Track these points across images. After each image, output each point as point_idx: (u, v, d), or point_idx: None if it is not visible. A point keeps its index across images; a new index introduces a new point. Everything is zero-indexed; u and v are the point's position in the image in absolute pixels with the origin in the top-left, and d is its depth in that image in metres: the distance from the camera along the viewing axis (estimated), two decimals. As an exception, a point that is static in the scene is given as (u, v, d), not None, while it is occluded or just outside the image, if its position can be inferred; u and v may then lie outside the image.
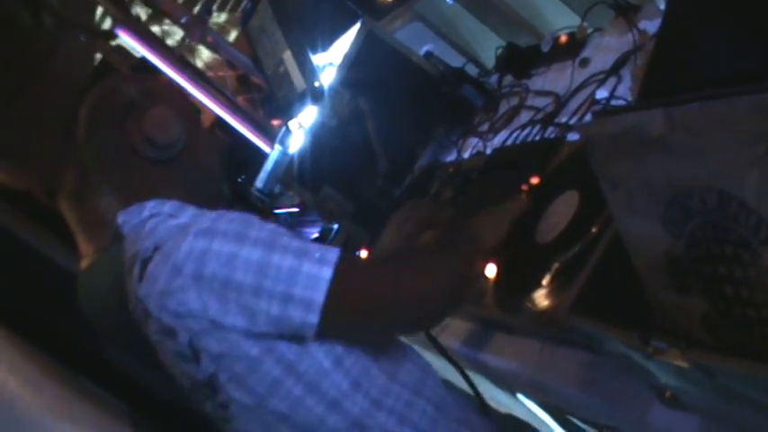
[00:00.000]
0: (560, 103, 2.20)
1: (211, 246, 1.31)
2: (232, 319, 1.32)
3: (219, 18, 5.04)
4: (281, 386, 1.38)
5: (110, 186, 1.57)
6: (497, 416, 1.80)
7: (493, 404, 2.34)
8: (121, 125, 1.55)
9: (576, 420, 2.18)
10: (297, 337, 1.36)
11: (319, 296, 1.31)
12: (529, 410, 2.15)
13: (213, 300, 1.31)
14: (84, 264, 1.82)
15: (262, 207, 3.69)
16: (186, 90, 1.80)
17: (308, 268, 1.32)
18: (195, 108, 1.71)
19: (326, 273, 1.32)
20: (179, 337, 1.35)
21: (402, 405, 1.50)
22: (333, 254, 1.35)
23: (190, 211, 1.50)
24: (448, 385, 1.72)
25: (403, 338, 1.70)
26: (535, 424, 2.05)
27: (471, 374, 1.80)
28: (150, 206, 1.51)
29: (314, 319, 1.31)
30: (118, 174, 1.58)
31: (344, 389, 1.43)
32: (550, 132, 2.13)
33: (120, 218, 1.52)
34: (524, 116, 2.38)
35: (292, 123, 3.26)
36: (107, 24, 4.59)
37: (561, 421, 2.22)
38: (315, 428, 1.43)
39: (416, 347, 1.74)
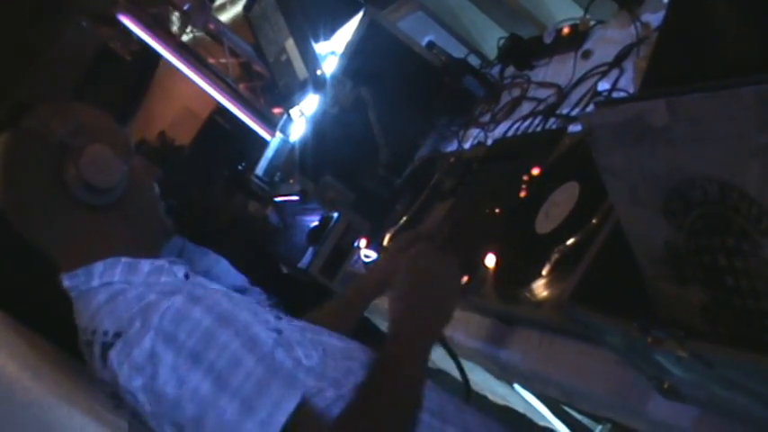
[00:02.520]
0: (562, 94, 2.20)
1: (166, 357, 1.23)
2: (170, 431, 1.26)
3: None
4: None
5: (42, 239, 1.44)
6: (494, 408, 1.80)
7: (489, 396, 2.35)
8: (53, 169, 1.37)
9: (573, 412, 2.19)
10: None
11: None
12: (526, 402, 2.16)
13: (161, 413, 1.25)
14: None
15: (262, 195, 3.70)
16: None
17: (249, 427, 1.22)
18: (126, 137, 1.51)
19: None
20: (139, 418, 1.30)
21: None
22: (282, 415, 1.23)
23: (145, 270, 1.39)
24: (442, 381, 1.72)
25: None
26: (532, 416, 2.06)
27: (468, 365, 1.80)
28: (99, 271, 1.37)
29: None
30: (51, 224, 1.42)
31: None
32: (552, 124, 2.13)
33: (66, 282, 1.40)
34: (526, 107, 2.38)
35: (294, 111, 3.26)
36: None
37: (558, 413, 2.23)
38: None
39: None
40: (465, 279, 1.86)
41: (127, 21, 4.61)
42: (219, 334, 1.25)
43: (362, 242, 2.49)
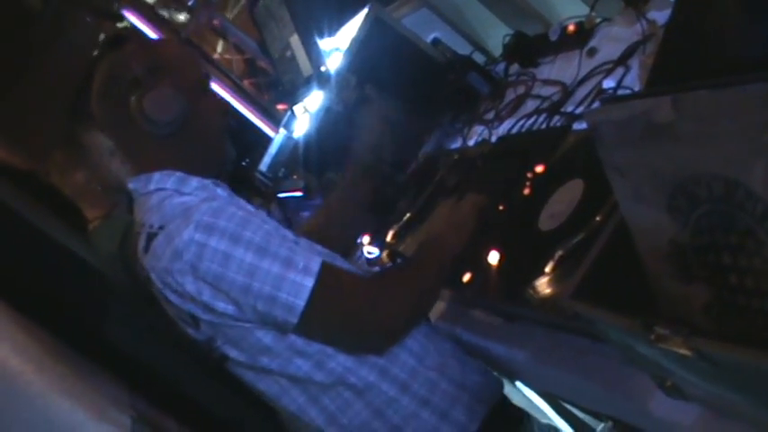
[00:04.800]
0: (567, 92, 2.20)
1: (209, 242, 1.47)
2: (223, 306, 1.50)
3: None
4: (270, 350, 1.55)
5: (120, 147, 1.72)
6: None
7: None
8: (125, 101, 1.62)
9: (575, 410, 2.19)
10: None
11: (300, 302, 1.49)
12: (528, 399, 2.16)
13: (206, 289, 1.49)
14: (90, 227, 2.35)
15: (265, 191, 3.69)
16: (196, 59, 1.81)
17: (293, 276, 1.49)
18: (203, 76, 1.76)
19: (309, 282, 1.50)
20: (180, 308, 1.53)
21: (384, 360, 1.64)
22: (315, 264, 1.52)
23: (193, 184, 1.64)
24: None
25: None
26: (534, 413, 2.06)
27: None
28: (156, 179, 1.64)
29: (294, 320, 1.50)
30: (123, 141, 1.72)
31: (329, 351, 1.60)
32: (556, 121, 2.13)
33: (131, 185, 1.68)
34: (530, 105, 2.37)
35: (298, 107, 3.25)
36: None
37: (560, 411, 2.23)
38: (303, 382, 1.59)
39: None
40: (468, 276, 1.87)
41: (131, 16, 4.61)
42: (253, 220, 1.52)
43: (365, 238, 2.49)
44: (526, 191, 1.89)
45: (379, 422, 1.62)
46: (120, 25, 4.55)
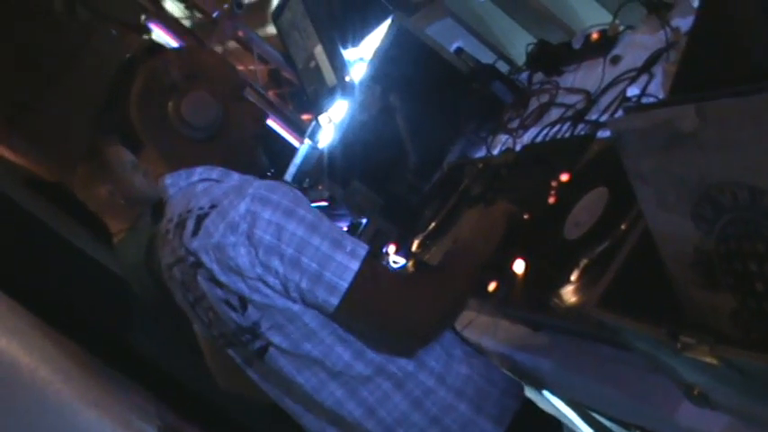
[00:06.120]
0: (591, 100, 2.19)
1: (263, 213, 1.49)
2: (273, 281, 1.50)
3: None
4: (315, 335, 1.56)
5: (155, 148, 1.74)
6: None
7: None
8: (163, 106, 1.66)
9: (602, 419, 2.17)
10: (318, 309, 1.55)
11: (344, 284, 1.49)
12: (555, 408, 2.15)
13: (258, 261, 1.49)
14: (115, 240, 2.48)
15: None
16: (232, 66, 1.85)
17: (339, 257, 1.49)
18: (239, 82, 1.79)
19: (354, 265, 1.50)
20: (229, 287, 1.54)
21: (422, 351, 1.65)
22: (362, 249, 1.53)
23: (236, 177, 1.67)
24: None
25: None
26: (562, 421, 2.05)
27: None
28: (199, 171, 1.67)
29: (335, 301, 1.49)
30: (160, 145, 1.73)
31: None
32: (580, 129, 2.12)
33: (167, 180, 1.70)
34: (554, 113, 2.37)
35: (322, 118, 3.27)
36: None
37: (587, 419, 2.22)
38: (342, 376, 1.60)
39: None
40: (493, 285, 1.87)
41: (157, 29, 4.64)
42: (305, 200, 1.56)
43: (391, 248, 2.49)
44: (551, 199, 1.88)
45: (419, 414, 1.62)
46: (145, 37, 4.58)
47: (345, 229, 3.20)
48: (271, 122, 4.71)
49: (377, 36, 3.07)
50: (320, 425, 1.72)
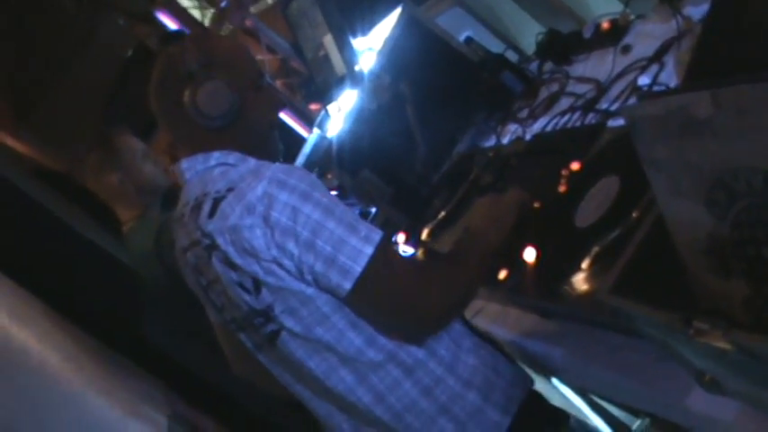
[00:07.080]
0: (601, 89, 2.19)
1: (280, 195, 1.50)
2: (288, 263, 1.51)
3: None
4: (327, 320, 1.57)
5: (172, 134, 1.76)
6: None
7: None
8: (179, 94, 1.67)
9: (610, 407, 2.18)
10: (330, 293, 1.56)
11: (358, 268, 1.50)
12: (563, 396, 2.15)
13: (274, 242, 1.51)
14: (125, 228, 2.56)
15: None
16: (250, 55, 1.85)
17: (354, 242, 1.50)
18: (256, 72, 1.79)
19: (369, 250, 1.51)
20: (244, 270, 1.55)
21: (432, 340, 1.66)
22: (376, 234, 1.54)
23: (252, 161, 1.68)
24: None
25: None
26: (569, 410, 2.05)
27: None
28: (216, 156, 1.69)
29: (348, 285, 1.50)
30: (177, 131, 1.74)
31: None
32: (591, 119, 2.12)
33: (184, 164, 1.72)
34: (564, 102, 2.37)
35: (332, 107, 3.27)
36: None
37: (596, 408, 2.22)
38: (353, 362, 1.61)
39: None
40: (504, 273, 1.87)
41: (165, 18, 4.64)
42: (321, 185, 1.57)
43: (401, 237, 2.50)
44: (562, 188, 1.89)
45: (428, 401, 1.63)
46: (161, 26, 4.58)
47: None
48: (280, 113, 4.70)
49: (386, 25, 3.07)
50: (329, 410, 1.73)
